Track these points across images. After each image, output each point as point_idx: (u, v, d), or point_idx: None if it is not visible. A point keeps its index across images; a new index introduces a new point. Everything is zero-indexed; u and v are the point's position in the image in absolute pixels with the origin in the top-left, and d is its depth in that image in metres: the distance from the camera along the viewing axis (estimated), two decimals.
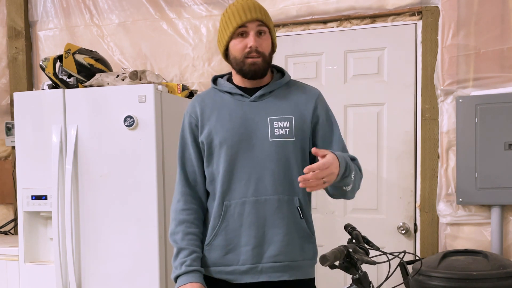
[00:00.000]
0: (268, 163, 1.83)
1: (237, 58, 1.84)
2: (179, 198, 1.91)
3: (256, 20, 1.81)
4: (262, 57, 1.83)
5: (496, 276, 2.25)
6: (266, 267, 1.84)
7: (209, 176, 1.90)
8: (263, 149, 1.83)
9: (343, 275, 3.06)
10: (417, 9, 2.92)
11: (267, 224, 1.83)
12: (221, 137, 1.84)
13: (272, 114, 1.85)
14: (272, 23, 1.89)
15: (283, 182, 1.84)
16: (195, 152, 1.91)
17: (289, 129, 1.84)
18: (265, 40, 1.84)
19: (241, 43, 1.82)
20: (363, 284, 1.60)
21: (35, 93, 2.94)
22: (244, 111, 1.86)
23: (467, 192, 2.75)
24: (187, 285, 1.80)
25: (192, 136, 1.91)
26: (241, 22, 1.80)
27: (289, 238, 1.85)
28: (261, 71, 1.85)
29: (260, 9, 1.84)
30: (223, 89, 1.92)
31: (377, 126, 3.03)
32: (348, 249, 1.58)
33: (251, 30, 1.81)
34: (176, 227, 1.88)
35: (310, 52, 3.15)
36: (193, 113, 1.91)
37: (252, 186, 1.83)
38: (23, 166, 2.92)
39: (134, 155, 2.71)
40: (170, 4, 3.41)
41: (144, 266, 2.70)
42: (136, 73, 2.81)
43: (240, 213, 1.84)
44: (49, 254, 3.00)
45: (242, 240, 1.84)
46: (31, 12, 3.70)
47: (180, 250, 1.85)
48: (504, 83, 2.74)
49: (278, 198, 1.84)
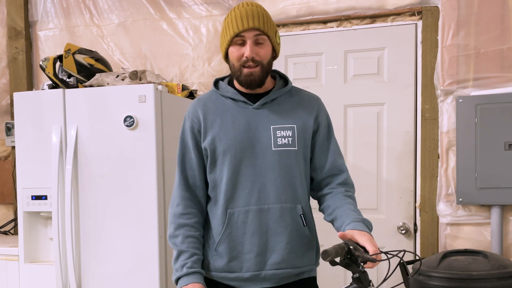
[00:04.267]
0: (271, 172, 1.83)
1: (235, 66, 1.83)
2: (178, 202, 1.89)
3: (253, 29, 1.78)
4: (260, 66, 1.81)
5: (496, 276, 2.25)
6: (269, 274, 1.85)
7: (212, 182, 1.90)
8: (266, 158, 1.83)
9: (343, 275, 3.06)
10: (417, 9, 2.92)
11: (270, 232, 1.84)
12: (225, 145, 1.84)
13: (275, 122, 1.85)
14: (274, 29, 1.85)
15: (286, 191, 1.85)
16: (196, 157, 1.90)
17: (291, 138, 1.85)
18: (263, 48, 1.81)
19: (238, 51, 1.81)
20: (363, 283, 1.61)
21: (35, 93, 2.94)
22: (247, 119, 1.85)
23: (467, 192, 2.76)
24: (188, 286, 1.80)
25: (194, 140, 1.90)
26: (237, 31, 1.78)
27: (292, 245, 1.86)
28: (257, 82, 1.83)
29: (260, 17, 1.79)
30: (226, 95, 1.90)
31: (377, 126, 3.03)
32: (349, 246, 1.60)
33: (248, 39, 1.79)
34: (176, 230, 1.87)
35: (310, 52, 3.15)
36: (196, 118, 1.89)
37: (255, 194, 1.83)
38: (23, 166, 2.92)
39: (134, 155, 2.71)
40: (170, 4, 3.41)
41: (144, 266, 2.70)
42: (136, 73, 2.81)
43: (243, 221, 1.84)
44: (49, 254, 3.00)
45: (245, 247, 1.85)
46: (31, 12, 3.70)
47: (180, 253, 1.84)
48: (504, 83, 2.74)
49: (281, 207, 1.84)
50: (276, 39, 1.87)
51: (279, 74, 1.98)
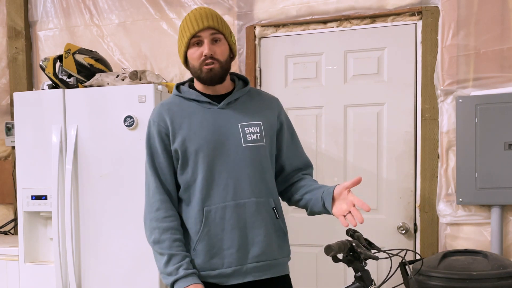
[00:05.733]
0: (243, 168, 1.90)
1: (195, 67, 1.90)
2: (158, 206, 1.89)
3: (209, 28, 1.86)
4: (219, 63, 1.88)
5: (496, 276, 2.25)
6: (251, 268, 1.90)
7: (184, 183, 1.92)
8: (237, 154, 1.90)
9: (343, 275, 3.06)
10: (417, 9, 2.92)
11: (248, 226, 1.90)
12: (197, 145, 1.88)
13: (242, 120, 1.93)
14: (229, 30, 1.94)
15: (259, 185, 1.92)
16: (166, 161, 1.93)
17: (259, 134, 1.93)
18: (219, 46, 1.89)
19: (197, 51, 1.88)
20: (365, 282, 1.62)
21: (35, 93, 2.94)
22: (215, 119, 1.91)
23: (467, 192, 2.76)
24: (190, 287, 1.80)
25: (162, 144, 1.92)
26: (193, 31, 1.86)
27: (269, 238, 1.93)
28: (217, 77, 1.90)
29: (213, 17, 1.88)
30: (190, 97, 1.95)
31: (377, 126, 3.03)
32: (351, 243, 1.62)
33: (205, 38, 1.87)
34: (161, 235, 1.87)
35: (310, 52, 3.15)
36: (162, 122, 1.93)
37: (231, 190, 1.88)
38: (23, 166, 2.92)
39: (134, 155, 2.71)
40: (170, 4, 3.41)
41: (144, 266, 2.70)
42: (136, 73, 2.81)
43: (221, 217, 1.88)
44: (49, 254, 3.00)
45: (225, 243, 1.89)
46: (31, 12, 3.70)
47: (171, 256, 1.84)
48: (504, 83, 2.74)
49: (256, 201, 1.91)
50: (232, 39, 1.95)
51: (237, 76, 2.06)
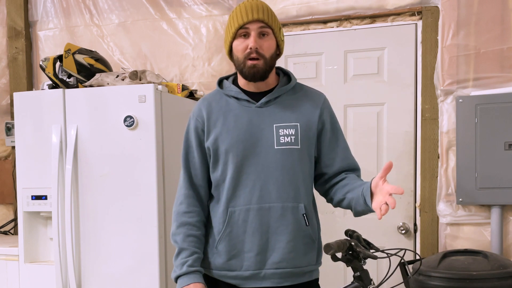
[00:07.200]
0: (273, 171, 1.83)
1: (239, 59, 1.84)
2: (182, 200, 1.91)
3: (258, 21, 1.79)
4: (263, 59, 1.81)
5: (496, 276, 2.25)
6: (269, 273, 1.86)
7: (214, 181, 1.91)
8: (268, 157, 1.83)
9: (343, 275, 3.06)
10: (417, 9, 2.92)
11: (270, 231, 1.84)
12: (227, 144, 1.84)
13: (278, 121, 1.85)
14: (278, 25, 1.87)
15: (288, 190, 1.85)
16: (200, 156, 1.91)
17: (294, 137, 1.84)
18: (266, 41, 1.82)
19: (242, 43, 1.81)
20: (364, 281, 1.62)
21: (35, 93, 2.94)
22: (250, 118, 1.86)
23: (467, 192, 2.76)
24: (190, 286, 1.81)
25: (197, 140, 1.91)
26: (242, 22, 1.79)
27: (293, 245, 1.85)
28: (260, 74, 1.83)
29: (264, 10, 1.81)
30: (229, 94, 1.91)
31: (377, 126, 3.04)
32: (350, 243, 1.62)
33: (252, 31, 1.80)
34: (177, 228, 1.89)
35: (310, 52, 3.15)
36: (200, 117, 1.91)
37: (257, 193, 1.84)
38: (23, 166, 2.92)
39: (134, 155, 2.71)
40: (170, 4, 3.41)
41: (144, 266, 2.70)
42: (136, 73, 2.81)
43: (244, 219, 1.85)
44: (49, 254, 3.00)
45: (245, 246, 1.86)
46: (31, 12, 3.70)
47: (181, 250, 1.86)
48: (504, 83, 2.74)
49: (282, 206, 1.84)
50: (281, 35, 1.88)
51: (283, 71, 1.98)
